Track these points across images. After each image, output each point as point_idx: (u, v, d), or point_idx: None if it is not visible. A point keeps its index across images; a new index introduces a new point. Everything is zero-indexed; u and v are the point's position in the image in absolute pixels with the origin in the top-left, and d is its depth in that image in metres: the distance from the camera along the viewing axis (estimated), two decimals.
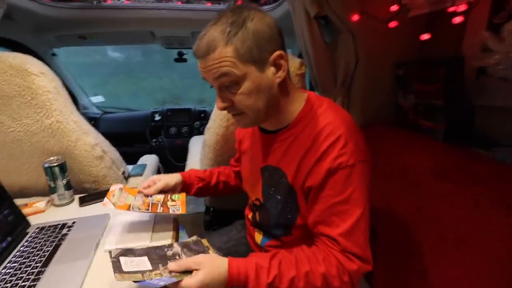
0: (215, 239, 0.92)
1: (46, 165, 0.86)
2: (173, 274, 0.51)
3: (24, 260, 0.64)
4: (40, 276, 0.60)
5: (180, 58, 1.80)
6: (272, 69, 0.58)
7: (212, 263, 0.53)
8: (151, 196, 0.77)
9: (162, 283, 0.49)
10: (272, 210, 0.69)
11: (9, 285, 0.58)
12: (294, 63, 0.96)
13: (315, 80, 1.33)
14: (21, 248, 0.69)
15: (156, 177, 0.80)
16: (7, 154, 0.90)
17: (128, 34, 1.48)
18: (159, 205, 0.75)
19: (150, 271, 0.52)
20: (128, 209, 0.71)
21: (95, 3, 1.38)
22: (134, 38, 1.54)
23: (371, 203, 0.59)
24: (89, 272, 0.62)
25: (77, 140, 0.93)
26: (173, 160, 1.87)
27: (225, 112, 1.00)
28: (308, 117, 0.63)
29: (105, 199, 0.73)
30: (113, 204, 0.71)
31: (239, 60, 0.55)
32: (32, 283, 0.58)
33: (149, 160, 1.41)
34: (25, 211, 0.84)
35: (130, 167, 1.27)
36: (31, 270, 0.61)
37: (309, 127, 0.62)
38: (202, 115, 1.93)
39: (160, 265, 0.55)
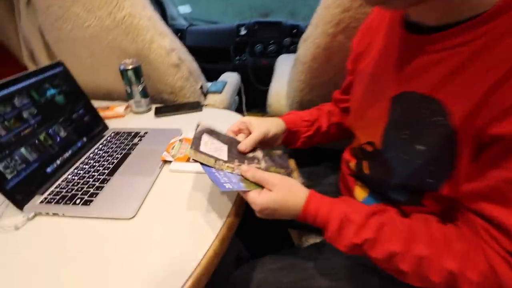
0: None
1: (121, 67, 0.78)
2: (243, 179, 0.45)
3: (94, 164, 0.60)
4: (104, 184, 0.54)
5: None
6: None
7: (289, 189, 0.43)
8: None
9: (228, 186, 0.42)
10: (397, 164, 0.43)
11: (75, 187, 0.54)
12: None
13: None
14: (95, 151, 0.65)
15: (248, 119, 0.56)
16: (89, 52, 0.85)
17: None
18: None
19: (224, 161, 0.47)
20: (188, 160, 0.60)
21: None
22: None
23: None
24: (151, 189, 0.54)
25: (151, 41, 0.80)
26: (255, 82, 1.68)
27: (333, 13, 0.70)
28: None
29: (164, 152, 0.62)
30: (172, 157, 0.61)
31: None
32: (95, 191, 0.52)
33: (230, 78, 1.25)
34: (105, 113, 0.81)
35: (209, 84, 1.14)
36: (98, 176, 0.56)
37: None
38: (294, 31, 1.59)
39: (236, 160, 0.49)
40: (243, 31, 1.67)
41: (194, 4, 2.49)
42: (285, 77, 1.06)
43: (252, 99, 1.66)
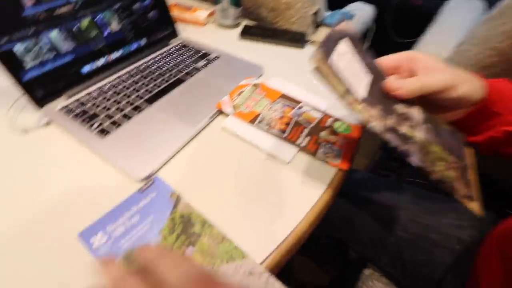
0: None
1: None
2: None
3: (139, 80, 0.45)
4: (134, 114, 0.39)
5: None
6: None
7: None
8: (300, 110, 0.37)
9: None
10: None
11: (104, 103, 0.40)
12: None
13: None
14: (150, 61, 0.49)
15: (421, 56, 0.30)
16: None
17: None
18: (305, 133, 0.38)
19: (359, 101, 0.25)
20: (252, 121, 0.39)
21: None
22: None
23: None
24: (186, 147, 0.36)
25: None
26: (394, 29, 1.21)
27: None
28: None
29: (225, 96, 0.41)
30: (233, 108, 0.40)
31: None
32: (120, 119, 0.38)
33: (361, 11, 0.87)
34: (183, 15, 0.63)
35: (327, 14, 0.81)
36: (133, 99, 0.41)
37: None
38: None
39: (379, 105, 0.27)
40: None
41: None
42: (454, 33, 0.64)
43: (379, 53, 1.23)
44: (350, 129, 0.39)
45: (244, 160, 0.35)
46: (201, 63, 0.50)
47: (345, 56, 0.27)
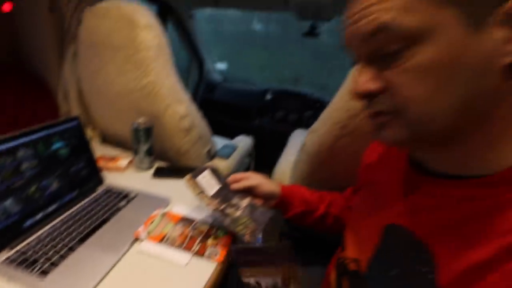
0: None
1: (134, 125, 0.82)
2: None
3: (72, 225, 0.60)
4: (69, 254, 0.53)
5: (311, 33, 1.50)
6: (500, 33, 0.25)
7: None
8: (194, 226, 0.62)
9: None
10: None
11: (42, 250, 0.53)
12: None
13: None
14: (79, 209, 0.65)
15: (252, 173, 0.67)
16: (111, 105, 0.92)
17: None
18: (197, 242, 0.59)
19: (209, 197, 0.59)
20: (160, 240, 0.59)
21: None
22: (263, 3, 1.35)
23: None
24: (108, 274, 0.51)
25: (167, 107, 0.85)
26: (270, 146, 1.69)
27: (342, 115, 0.69)
28: None
29: (141, 226, 0.61)
30: (147, 234, 0.59)
31: None
32: (57, 260, 0.51)
33: (243, 142, 1.27)
34: (108, 165, 0.84)
35: (221, 143, 1.17)
36: (67, 242, 0.56)
37: None
38: (318, 105, 1.62)
39: (219, 200, 0.59)
40: (268, 96, 1.75)
41: (233, 57, 2.71)
42: (293, 155, 1.05)
43: (265, 162, 1.66)
44: (226, 233, 0.62)
45: (153, 271, 0.53)
46: (122, 203, 0.69)
47: (206, 177, 0.62)
